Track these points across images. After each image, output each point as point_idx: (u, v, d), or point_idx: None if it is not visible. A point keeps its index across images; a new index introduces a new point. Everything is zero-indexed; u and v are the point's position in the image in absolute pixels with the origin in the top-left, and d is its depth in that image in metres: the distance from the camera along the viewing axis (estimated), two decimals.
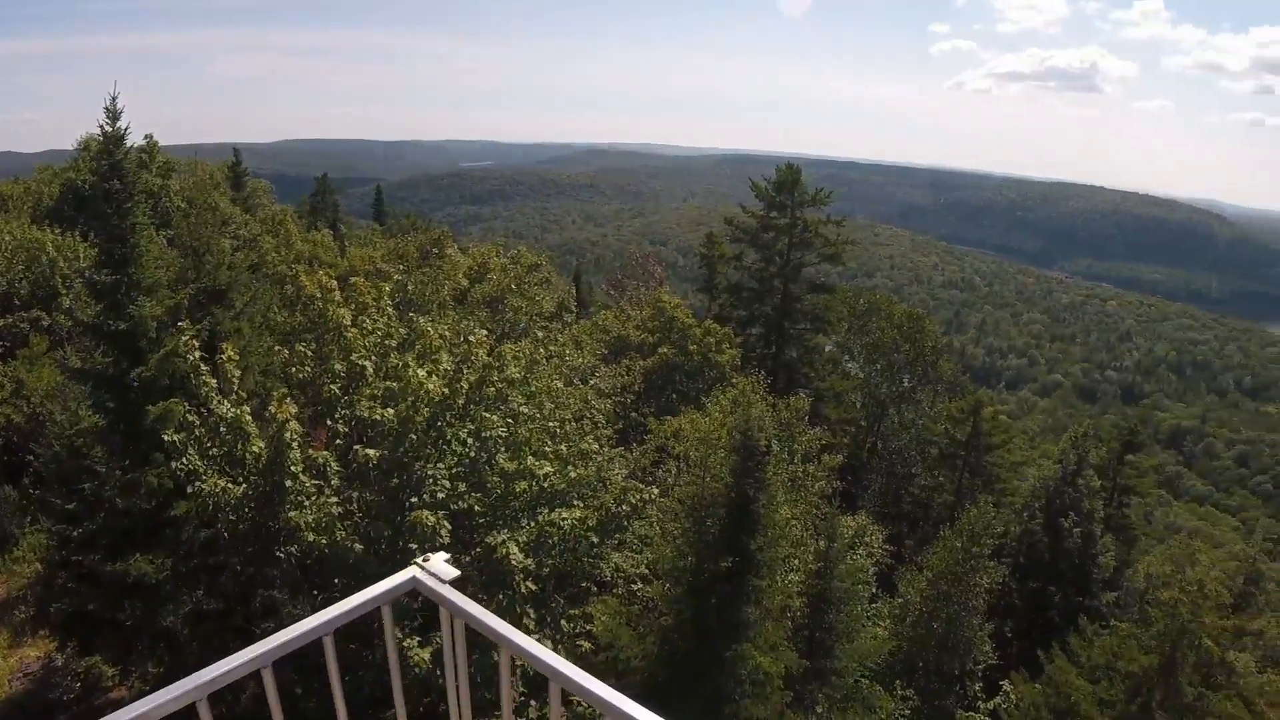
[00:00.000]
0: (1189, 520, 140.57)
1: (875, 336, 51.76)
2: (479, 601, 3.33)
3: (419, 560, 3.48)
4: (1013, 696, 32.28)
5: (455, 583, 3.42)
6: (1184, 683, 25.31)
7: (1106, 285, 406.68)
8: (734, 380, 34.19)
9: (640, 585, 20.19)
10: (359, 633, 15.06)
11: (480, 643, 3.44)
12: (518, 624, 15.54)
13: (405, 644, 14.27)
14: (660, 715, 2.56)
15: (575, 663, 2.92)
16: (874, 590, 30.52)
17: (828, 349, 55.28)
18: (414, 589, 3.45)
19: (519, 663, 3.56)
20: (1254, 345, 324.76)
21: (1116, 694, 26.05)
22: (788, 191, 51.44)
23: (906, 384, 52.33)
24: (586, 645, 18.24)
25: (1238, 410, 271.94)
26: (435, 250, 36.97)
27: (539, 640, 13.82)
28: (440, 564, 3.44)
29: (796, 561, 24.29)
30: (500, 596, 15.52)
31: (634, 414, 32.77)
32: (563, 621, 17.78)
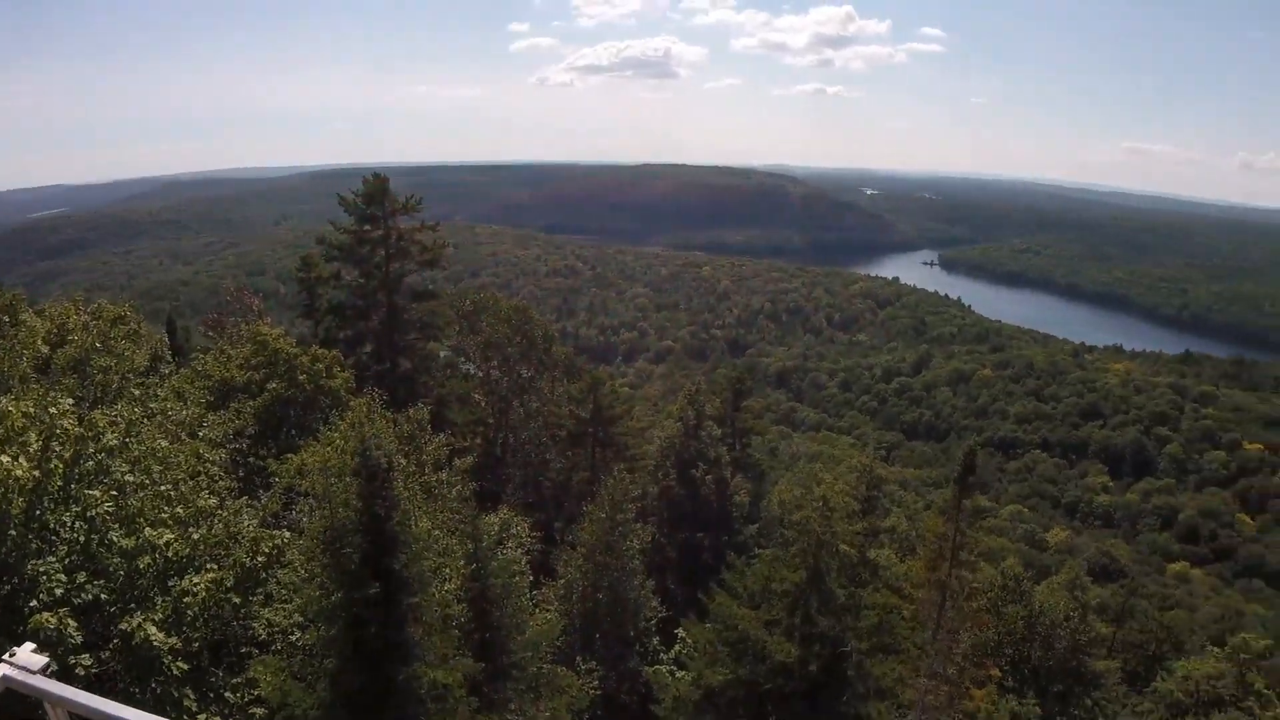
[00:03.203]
0: (810, 447, 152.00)
1: (487, 334, 52.21)
2: (130, 696, 3.26)
3: (5, 657, 3.34)
4: (689, 640, 33.88)
5: (69, 674, 3.33)
6: (834, 587, 27.71)
7: (699, 253, 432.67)
8: (351, 403, 33.54)
9: (298, 634, 19.54)
10: None
11: None
12: (178, 707, 14.78)
13: None
14: None
15: None
16: (532, 578, 31.11)
17: (443, 354, 55.34)
18: (6, 689, 3.28)
19: None
20: (838, 285, 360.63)
21: (778, 612, 28.16)
22: (378, 202, 50.79)
23: (525, 375, 53.19)
24: (259, 712, 17.50)
25: (833, 344, 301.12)
26: (7, 318, 33.78)
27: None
28: (28, 655, 3.32)
29: (448, 570, 24.32)
30: (153, 684, 14.64)
31: (252, 459, 31.42)
32: (227, 694, 17.00)
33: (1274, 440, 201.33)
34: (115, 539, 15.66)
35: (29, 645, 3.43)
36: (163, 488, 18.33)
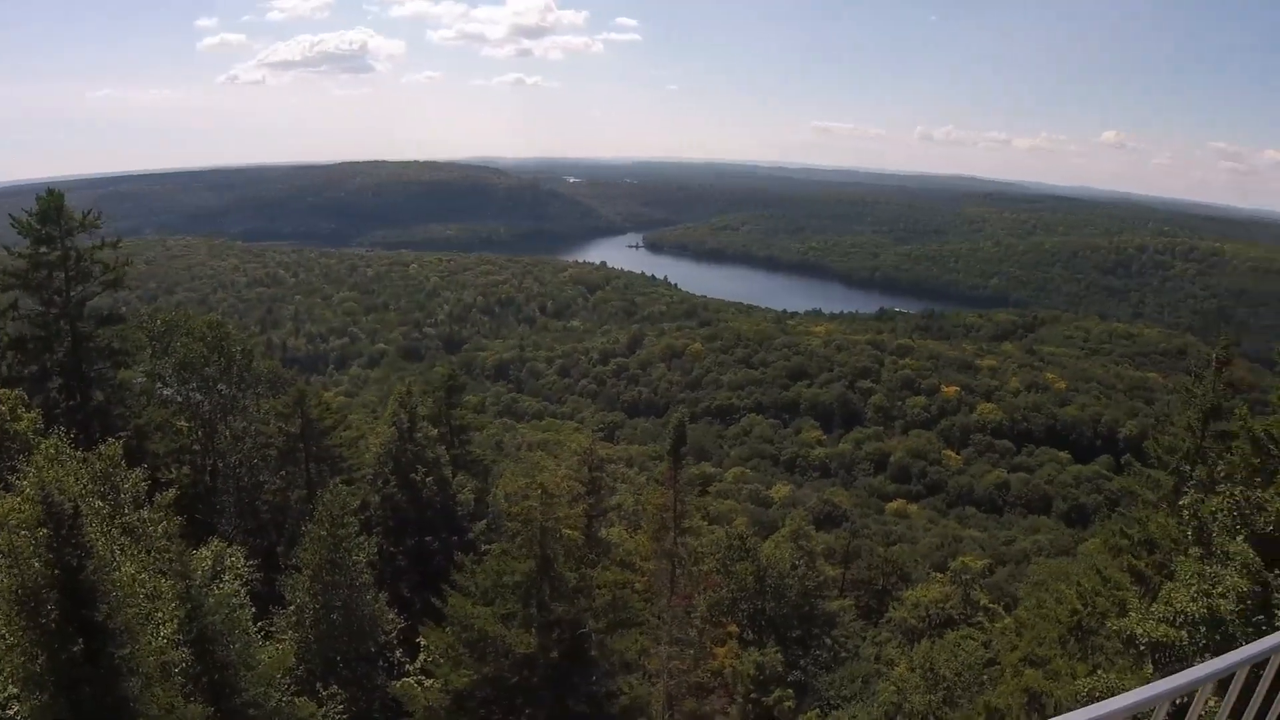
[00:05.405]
0: (536, 436, 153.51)
1: (182, 355, 49.63)
2: None
3: None
4: (432, 647, 33.79)
5: None
6: (564, 572, 28.56)
7: (406, 250, 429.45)
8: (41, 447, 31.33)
9: (16, 707, 18.07)
10: None
11: None
12: None
13: None
14: None
15: None
16: (254, 609, 30.06)
17: (138, 381, 52.10)
18: None
19: None
20: (548, 274, 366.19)
21: (512, 605, 28.84)
22: (53, 221, 47.12)
23: (227, 394, 50.95)
24: None
25: (548, 332, 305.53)
26: None
27: None
28: None
29: (161, 614, 23.17)
30: None
31: None
32: None
33: (967, 381, 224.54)
34: None
35: None
36: None
